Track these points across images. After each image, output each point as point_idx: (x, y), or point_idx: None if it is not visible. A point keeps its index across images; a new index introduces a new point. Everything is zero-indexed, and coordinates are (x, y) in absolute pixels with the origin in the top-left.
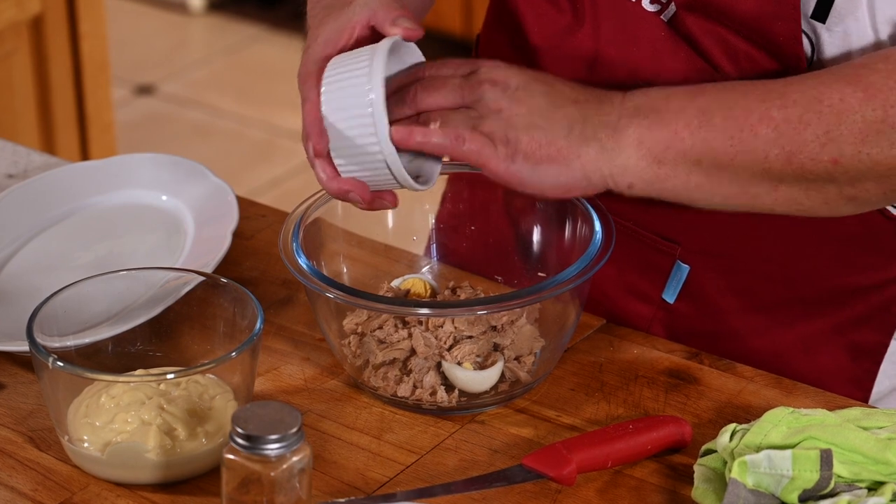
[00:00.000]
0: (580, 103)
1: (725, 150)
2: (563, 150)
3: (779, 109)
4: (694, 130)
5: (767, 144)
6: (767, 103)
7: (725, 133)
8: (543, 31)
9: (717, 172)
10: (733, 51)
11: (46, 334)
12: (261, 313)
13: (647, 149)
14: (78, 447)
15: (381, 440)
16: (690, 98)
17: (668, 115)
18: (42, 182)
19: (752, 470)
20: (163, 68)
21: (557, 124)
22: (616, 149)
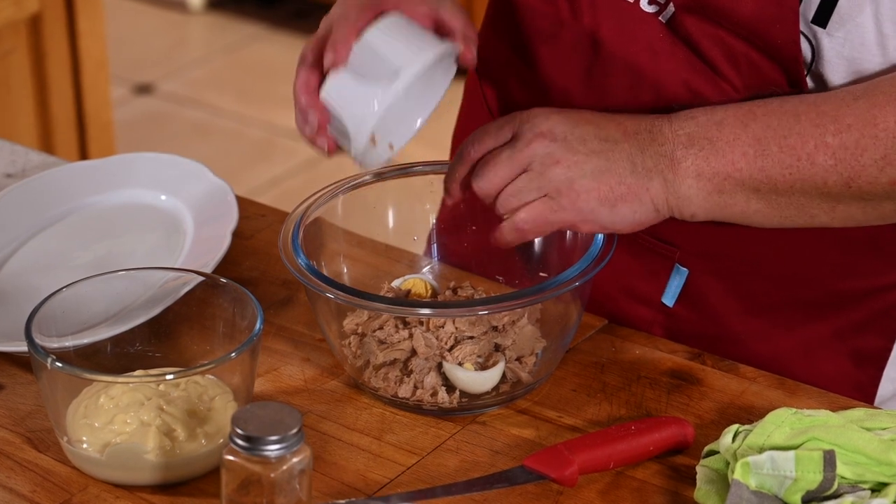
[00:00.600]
0: (632, 136)
1: (783, 178)
2: (633, 186)
3: (834, 135)
4: (751, 161)
5: (825, 172)
6: (821, 128)
7: (782, 163)
8: (542, 31)
9: (776, 198)
10: (732, 53)
11: (45, 335)
12: (260, 314)
13: (706, 180)
14: (77, 448)
15: (382, 441)
16: (742, 125)
17: (722, 146)
18: (40, 182)
19: (755, 471)
20: (162, 67)
21: (620, 163)
22: (676, 181)
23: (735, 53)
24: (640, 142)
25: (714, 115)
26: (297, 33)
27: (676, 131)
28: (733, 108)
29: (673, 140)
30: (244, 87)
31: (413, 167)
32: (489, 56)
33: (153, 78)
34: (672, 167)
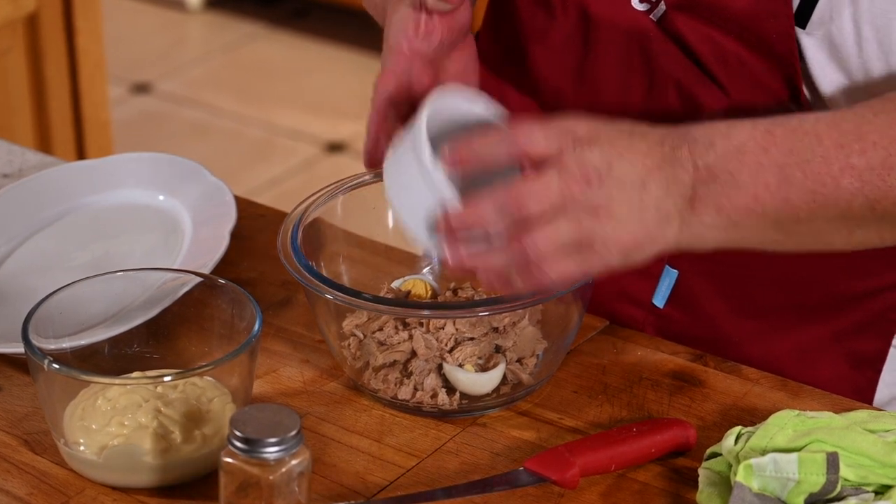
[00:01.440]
0: (656, 172)
1: (807, 205)
2: (653, 233)
3: (859, 156)
4: (774, 192)
5: (851, 195)
6: (846, 149)
7: (806, 189)
8: (533, 31)
9: (794, 227)
10: (723, 53)
11: (42, 336)
12: (259, 315)
13: (725, 216)
14: (74, 450)
15: (382, 443)
16: (763, 150)
17: (745, 178)
18: (37, 182)
19: (758, 473)
20: (160, 66)
21: (647, 212)
22: (694, 220)
23: (726, 53)
24: (664, 180)
25: (732, 140)
26: (296, 32)
27: (697, 163)
28: (750, 128)
29: (693, 174)
30: (243, 86)
31: None
32: (486, 57)
33: (151, 77)
34: (691, 208)
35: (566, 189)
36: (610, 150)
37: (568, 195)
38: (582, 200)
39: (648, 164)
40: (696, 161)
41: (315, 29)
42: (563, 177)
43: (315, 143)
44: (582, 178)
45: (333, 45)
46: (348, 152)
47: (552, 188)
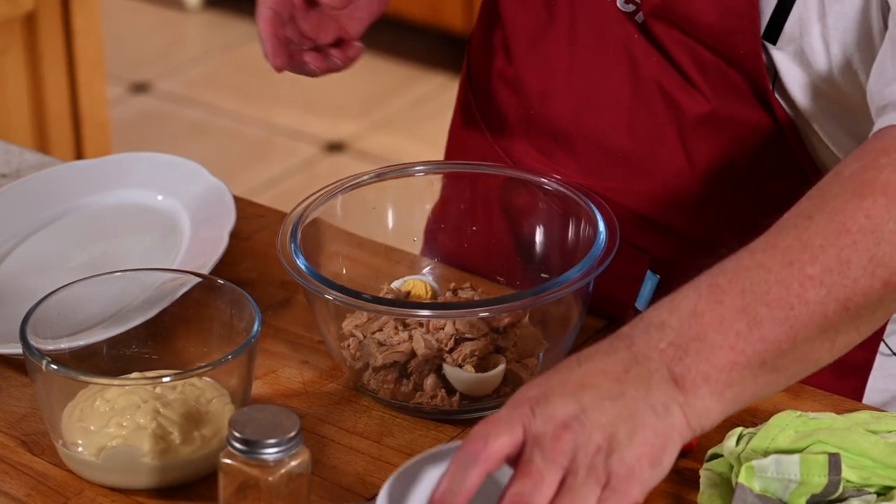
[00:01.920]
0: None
1: (785, 334)
2: (664, 431)
3: (812, 265)
4: (747, 337)
5: (822, 305)
6: (797, 264)
7: (777, 319)
8: (522, 35)
9: (780, 361)
10: (701, 60)
11: (40, 336)
12: (258, 315)
13: (714, 381)
14: (72, 451)
15: (382, 444)
16: (717, 303)
17: (713, 337)
18: (35, 182)
19: (760, 474)
20: (159, 66)
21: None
22: (690, 400)
23: (703, 61)
24: (637, 380)
25: (682, 309)
26: None
27: (658, 346)
28: (693, 292)
29: (662, 359)
30: (242, 85)
31: (413, 167)
32: (478, 59)
33: (150, 77)
34: (679, 388)
35: (556, 455)
36: (567, 389)
37: (561, 457)
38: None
39: (614, 377)
40: (656, 346)
41: None
42: (545, 450)
43: (315, 142)
44: (562, 430)
45: None
46: (348, 152)
47: (538, 466)
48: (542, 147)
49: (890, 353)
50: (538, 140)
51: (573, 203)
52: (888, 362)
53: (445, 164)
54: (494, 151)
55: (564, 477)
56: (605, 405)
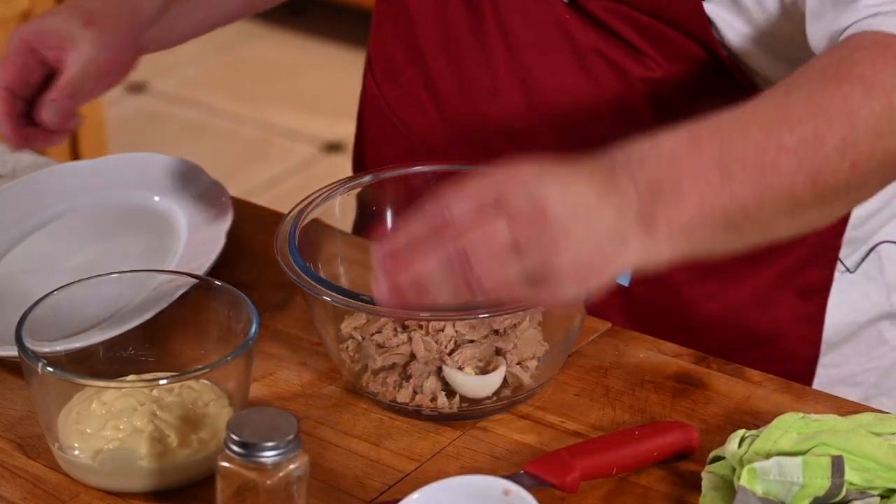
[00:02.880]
0: (604, 196)
1: (754, 196)
2: (610, 256)
3: (789, 134)
4: (718, 190)
5: (792, 174)
6: (774, 133)
7: (748, 180)
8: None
9: (743, 222)
10: (641, 27)
11: (36, 339)
12: (256, 317)
13: (677, 225)
14: (68, 455)
15: (381, 447)
16: (695, 152)
17: (687, 184)
18: (31, 182)
19: (762, 477)
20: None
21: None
22: (649, 239)
23: (644, 26)
24: (614, 206)
25: (662, 151)
26: (293, 31)
27: (637, 181)
28: (673, 138)
29: (637, 192)
30: (239, 85)
31: (412, 167)
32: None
33: (146, 76)
34: (645, 226)
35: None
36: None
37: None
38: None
39: (597, 191)
40: (635, 180)
41: (312, 27)
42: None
43: (313, 142)
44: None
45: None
46: (346, 152)
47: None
48: (491, 146)
49: (845, 270)
50: (487, 140)
51: None
52: (843, 279)
53: (445, 165)
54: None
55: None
56: (579, 208)
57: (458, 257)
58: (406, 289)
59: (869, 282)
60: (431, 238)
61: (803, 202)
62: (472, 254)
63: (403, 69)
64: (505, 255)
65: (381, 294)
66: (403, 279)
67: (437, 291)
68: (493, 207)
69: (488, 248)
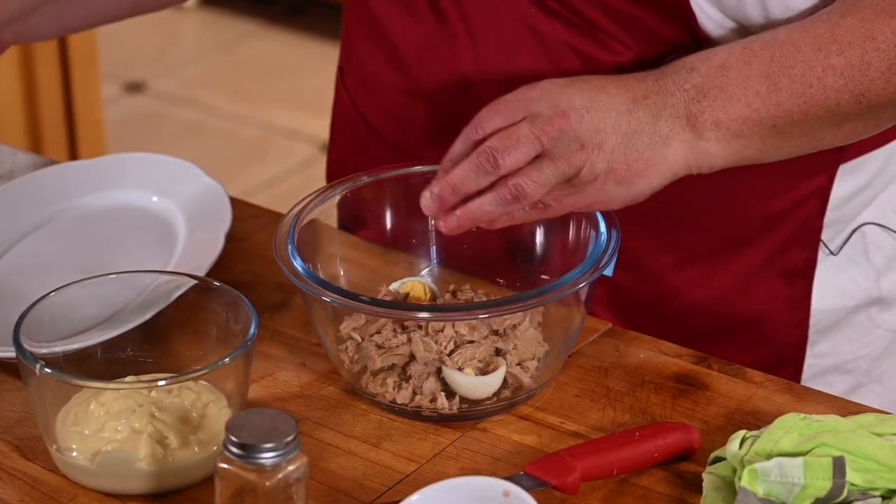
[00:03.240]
0: (641, 101)
1: (798, 108)
2: (651, 158)
3: (837, 55)
4: (765, 98)
5: (837, 92)
6: (824, 51)
7: (795, 92)
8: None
9: (790, 129)
10: (611, 10)
11: (34, 340)
12: (255, 318)
13: (724, 128)
14: (66, 456)
15: (380, 448)
16: (746, 64)
17: (734, 90)
18: (29, 183)
19: (763, 478)
20: (154, 65)
21: (637, 136)
22: (694, 138)
23: (615, 11)
24: (651, 107)
25: (713, 60)
26: (292, 30)
27: (683, 86)
28: (727, 49)
29: (682, 96)
30: (238, 85)
31: (411, 167)
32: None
33: (145, 76)
34: (690, 126)
35: (541, 132)
36: (587, 87)
37: (544, 136)
38: (563, 139)
39: (632, 96)
40: (681, 85)
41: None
42: (536, 122)
43: (312, 142)
44: (559, 118)
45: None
46: None
47: (523, 133)
48: None
49: (829, 253)
50: None
51: None
52: (829, 263)
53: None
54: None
55: (538, 155)
56: (610, 114)
57: (487, 162)
58: (448, 197)
59: (855, 266)
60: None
61: (848, 116)
62: (499, 157)
63: (374, 75)
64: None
65: (424, 203)
66: (442, 186)
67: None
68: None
69: (515, 152)
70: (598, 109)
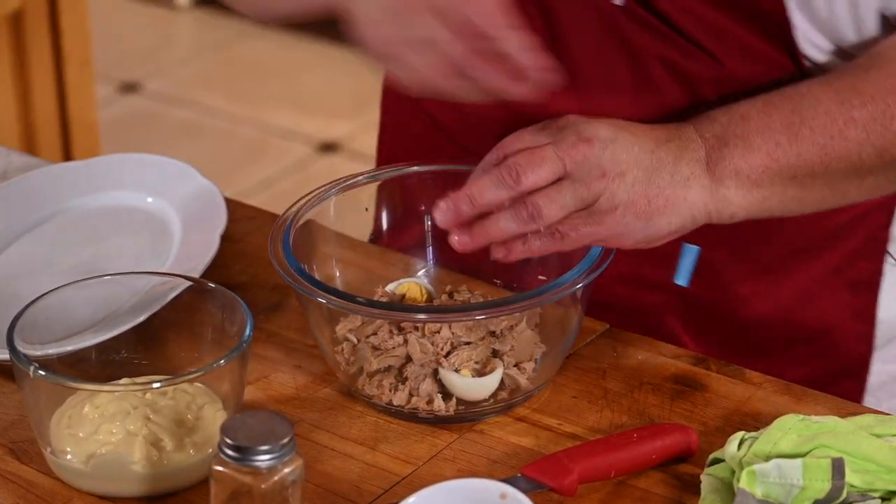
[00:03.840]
0: (664, 144)
1: (819, 159)
2: (671, 196)
3: (859, 109)
4: (786, 148)
5: (859, 146)
6: (846, 104)
7: (816, 144)
8: None
9: (811, 181)
10: (707, 23)
11: (28, 342)
12: (250, 319)
13: (744, 177)
14: (61, 459)
15: (376, 451)
16: (766, 114)
17: (754, 139)
18: (22, 184)
19: (762, 479)
20: (148, 65)
21: (658, 173)
22: (714, 184)
23: (711, 23)
24: (673, 149)
25: (734, 112)
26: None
27: (704, 135)
28: (749, 102)
29: (704, 144)
30: (234, 85)
31: (408, 167)
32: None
33: (139, 76)
34: (710, 172)
35: (565, 154)
36: (613, 123)
37: (568, 159)
38: (586, 163)
39: (656, 137)
40: (702, 133)
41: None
42: (560, 145)
43: (308, 143)
44: (583, 143)
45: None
46: (342, 152)
47: (547, 154)
48: None
49: (895, 264)
50: None
51: None
52: (892, 273)
53: (441, 165)
54: None
55: (559, 179)
56: (633, 148)
57: (509, 176)
58: (463, 208)
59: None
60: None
61: (871, 170)
62: (522, 172)
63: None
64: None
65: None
66: (460, 196)
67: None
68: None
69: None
70: (621, 142)
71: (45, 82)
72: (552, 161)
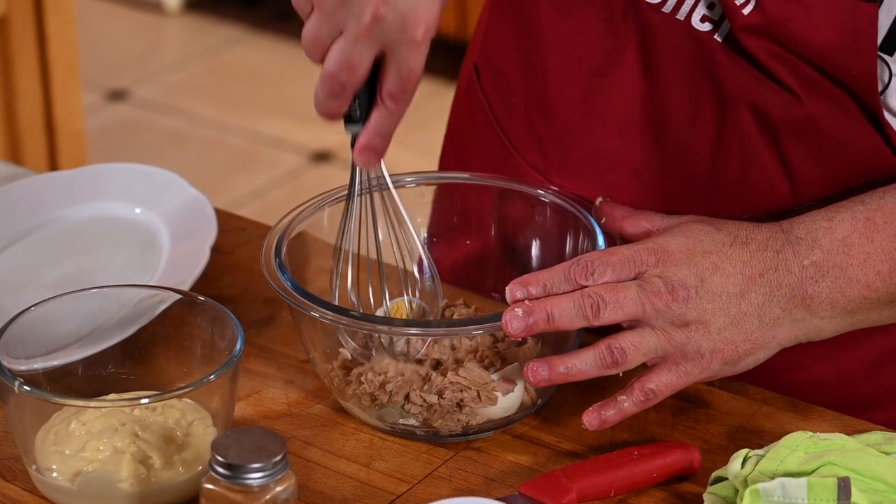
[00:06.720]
0: (757, 279)
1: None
2: (759, 340)
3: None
4: (885, 278)
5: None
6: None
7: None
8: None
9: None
10: (797, 69)
11: (12, 357)
12: (241, 333)
13: (840, 307)
14: (46, 477)
15: (371, 468)
16: (868, 241)
17: (854, 271)
18: (7, 194)
19: (765, 498)
20: (136, 72)
21: (747, 319)
22: (808, 316)
23: (800, 71)
24: (767, 285)
25: (836, 233)
26: (279, 36)
27: (802, 262)
28: (850, 220)
29: (800, 273)
30: (224, 92)
31: (403, 178)
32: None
33: (127, 83)
34: (804, 306)
35: (647, 300)
36: (703, 264)
37: (649, 305)
38: (667, 313)
39: (749, 273)
40: (801, 261)
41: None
42: (645, 289)
43: (300, 152)
44: (667, 293)
45: None
46: (335, 162)
47: (631, 295)
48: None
49: None
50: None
51: (571, 216)
52: None
53: (438, 175)
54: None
55: (639, 322)
56: (721, 297)
57: (590, 307)
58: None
59: None
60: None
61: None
62: (602, 307)
63: (516, 88)
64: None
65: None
66: (539, 311)
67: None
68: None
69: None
70: (707, 291)
71: (30, 89)
72: (634, 304)
